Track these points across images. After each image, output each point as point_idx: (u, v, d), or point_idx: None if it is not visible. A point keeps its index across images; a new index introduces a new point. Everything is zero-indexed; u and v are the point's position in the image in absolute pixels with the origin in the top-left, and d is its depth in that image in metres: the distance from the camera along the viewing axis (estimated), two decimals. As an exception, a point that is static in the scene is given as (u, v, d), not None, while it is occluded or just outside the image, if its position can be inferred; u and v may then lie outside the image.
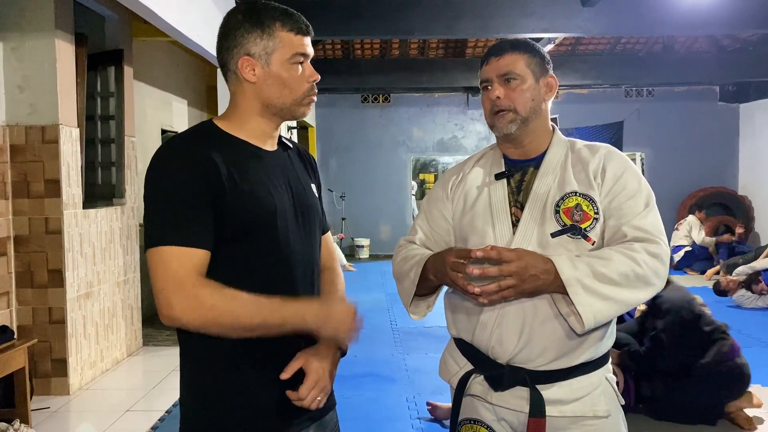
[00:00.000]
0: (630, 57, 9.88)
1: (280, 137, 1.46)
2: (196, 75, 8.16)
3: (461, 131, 11.52)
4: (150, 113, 6.70)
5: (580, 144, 1.55)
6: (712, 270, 8.60)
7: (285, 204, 1.35)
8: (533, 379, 1.43)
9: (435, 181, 8.49)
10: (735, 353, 3.59)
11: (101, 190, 5.05)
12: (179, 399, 1.39)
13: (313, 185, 1.50)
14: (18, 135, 4.04)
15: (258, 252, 1.31)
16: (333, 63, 9.80)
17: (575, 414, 1.44)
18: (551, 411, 1.42)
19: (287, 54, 1.33)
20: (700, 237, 9.31)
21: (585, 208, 1.43)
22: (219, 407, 1.31)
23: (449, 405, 1.60)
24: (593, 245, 1.42)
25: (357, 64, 9.90)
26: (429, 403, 3.74)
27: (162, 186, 1.26)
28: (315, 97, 1.40)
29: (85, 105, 4.70)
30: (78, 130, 4.31)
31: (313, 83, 1.38)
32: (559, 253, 1.39)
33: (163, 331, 5.74)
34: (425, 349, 5.23)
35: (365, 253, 11.22)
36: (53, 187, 4.06)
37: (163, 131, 7.06)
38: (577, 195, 1.45)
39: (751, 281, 6.83)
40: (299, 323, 1.29)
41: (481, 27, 6.40)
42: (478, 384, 1.51)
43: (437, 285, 1.53)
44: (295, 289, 1.35)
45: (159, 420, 3.74)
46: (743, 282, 6.89)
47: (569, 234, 1.42)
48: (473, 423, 1.52)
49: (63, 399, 4.07)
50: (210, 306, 1.21)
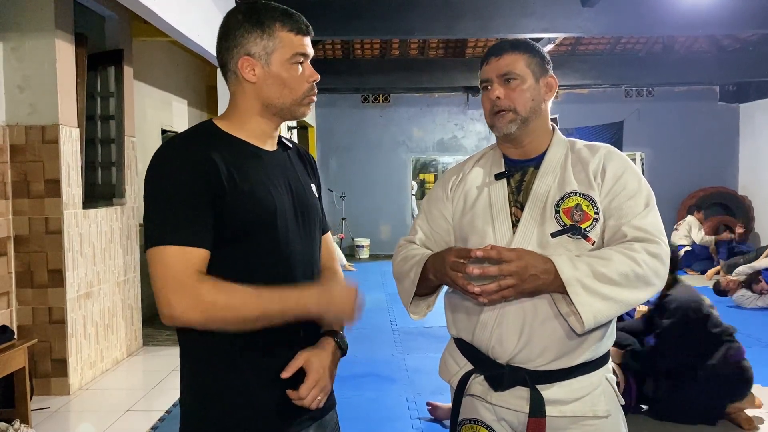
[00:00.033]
0: (630, 57, 9.88)
1: (280, 137, 1.46)
2: (196, 75, 8.16)
3: (461, 131, 11.52)
4: (150, 113, 6.70)
5: (580, 144, 1.55)
6: (712, 270, 8.60)
7: (285, 204, 1.35)
8: (533, 379, 1.43)
9: (435, 181, 8.49)
10: (741, 356, 3.60)
11: (101, 190, 5.06)
12: (179, 399, 1.39)
13: (313, 185, 1.50)
14: (18, 135, 4.04)
15: (258, 252, 1.31)
16: (333, 63, 9.80)
17: (575, 414, 1.44)
18: (551, 411, 1.42)
19: (287, 54, 1.33)
20: (699, 236, 9.32)
21: (585, 208, 1.44)
22: (219, 407, 1.31)
23: (449, 405, 1.60)
24: (593, 245, 1.42)
25: (357, 64, 9.90)
26: (429, 403, 3.74)
27: (162, 186, 1.26)
28: (315, 97, 1.40)
29: (85, 105, 4.71)
30: (78, 130, 4.32)
31: (313, 83, 1.38)
32: (559, 253, 1.39)
33: (163, 331, 5.75)
34: (425, 349, 5.23)
35: (365, 253, 11.22)
36: (53, 187, 4.06)
37: (163, 131, 7.06)
38: (577, 195, 1.45)
39: (752, 280, 6.84)
40: (301, 310, 1.29)
41: (481, 27, 6.40)
42: (478, 384, 1.51)
43: (437, 285, 1.53)
44: (296, 289, 1.35)
45: (159, 420, 3.74)
46: (743, 282, 6.90)
47: (569, 234, 1.42)
48: (473, 423, 1.52)
49: (63, 399, 4.07)
50: (211, 302, 1.21)
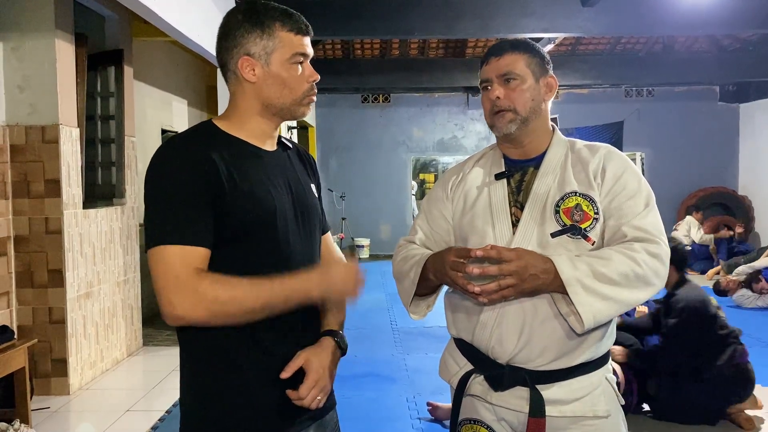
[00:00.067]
0: (630, 57, 9.88)
1: (279, 137, 1.46)
2: (196, 75, 8.15)
3: (461, 131, 11.52)
4: (150, 113, 6.70)
5: (580, 144, 1.55)
6: (713, 270, 8.61)
7: (285, 204, 1.35)
8: (533, 379, 1.43)
9: (435, 181, 8.49)
10: (746, 359, 3.60)
11: (101, 190, 5.06)
12: (179, 399, 1.39)
13: (313, 185, 1.50)
14: (18, 135, 4.04)
15: (258, 252, 1.31)
16: (333, 63, 9.80)
17: (575, 414, 1.44)
18: (551, 411, 1.42)
19: (287, 54, 1.33)
20: (699, 236, 9.32)
21: (585, 208, 1.44)
22: (219, 407, 1.31)
23: (449, 405, 1.60)
24: (593, 245, 1.42)
25: (357, 64, 9.90)
26: (429, 403, 3.74)
27: (162, 186, 1.26)
28: (315, 97, 1.40)
29: (85, 105, 4.71)
30: (78, 130, 4.32)
31: (313, 83, 1.38)
32: (559, 253, 1.39)
33: (163, 331, 5.75)
34: (425, 349, 5.23)
35: (365, 253, 11.21)
36: (53, 187, 4.06)
37: (163, 131, 7.06)
38: (577, 195, 1.45)
39: (752, 280, 6.84)
40: (304, 295, 1.30)
41: (481, 27, 6.40)
42: (478, 384, 1.51)
43: (437, 285, 1.53)
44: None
45: (159, 420, 3.74)
46: (744, 281, 6.90)
47: (569, 234, 1.42)
48: (473, 423, 1.52)
49: (63, 399, 4.07)
50: (212, 298, 1.22)
